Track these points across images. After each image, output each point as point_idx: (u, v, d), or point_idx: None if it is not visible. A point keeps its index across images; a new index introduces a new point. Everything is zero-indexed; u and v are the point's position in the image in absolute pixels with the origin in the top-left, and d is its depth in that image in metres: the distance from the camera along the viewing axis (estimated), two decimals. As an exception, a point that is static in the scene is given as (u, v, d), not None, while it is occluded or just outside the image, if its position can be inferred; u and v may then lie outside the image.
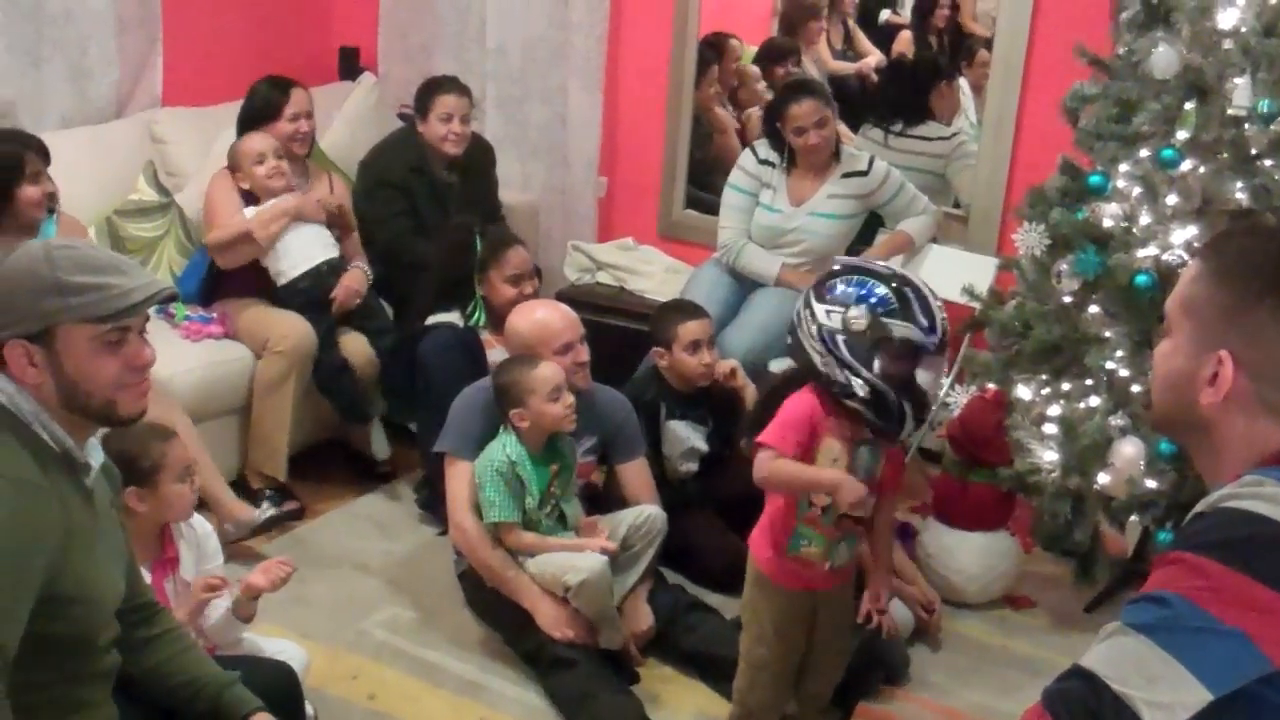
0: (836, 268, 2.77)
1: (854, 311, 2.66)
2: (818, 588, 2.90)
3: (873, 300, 2.66)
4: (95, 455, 2.06)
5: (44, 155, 3.70)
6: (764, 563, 2.89)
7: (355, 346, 4.32)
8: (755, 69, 5.43)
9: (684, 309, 3.98)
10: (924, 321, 2.65)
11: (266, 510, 3.98)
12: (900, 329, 2.65)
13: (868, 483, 2.78)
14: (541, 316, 3.60)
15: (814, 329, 2.71)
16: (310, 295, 4.23)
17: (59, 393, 1.95)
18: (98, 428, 2.07)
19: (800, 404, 2.76)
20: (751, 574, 2.94)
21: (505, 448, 3.37)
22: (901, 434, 2.78)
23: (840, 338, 2.67)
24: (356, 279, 4.35)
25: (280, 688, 2.35)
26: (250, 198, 4.22)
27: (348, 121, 5.03)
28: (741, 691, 3.02)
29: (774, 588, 2.89)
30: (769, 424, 2.79)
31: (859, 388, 2.68)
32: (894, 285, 2.67)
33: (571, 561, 3.30)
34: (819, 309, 2.71)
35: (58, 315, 1.91)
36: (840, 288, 2.70)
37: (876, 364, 2.66)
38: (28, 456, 1.91)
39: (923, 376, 2.68)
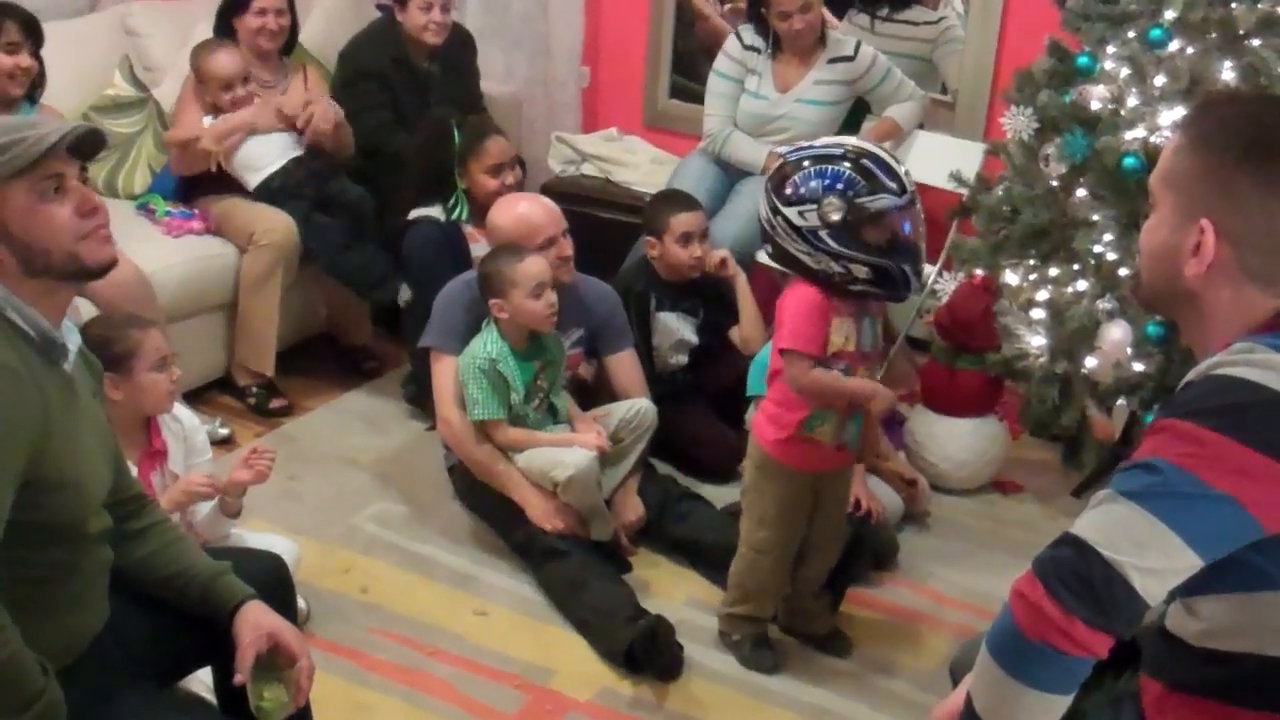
0: (786, 164, 2.75)
1: (827, 203, 2.66)
2: (822, 469, 2.92)
3: (840, 186, 2.67)
4: (72, 338, 2.04)
5: (30, 31, 3.63)
6: (769, 445, 2.90)
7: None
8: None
9: (677, 200, 3.94)
10: (893, 185, 2.68)
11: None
12: (877, 203, 2.66)
13: (873, 350, 2.86)
14: (523, 211, 3.56)
15: (792, 233, 2.71)
16: (284, 190, 4.16)
17: (18, 261, 1.92)
18: (72, 295, 2.06)
19: (805, 298, 2.77)
20: (756, 457, 2.95)
21: (487, 345, 3.34)
22: (909, 294, 2.81)
23: (823, 233, 2.68)
24: (325, 115, 4.19)
25: (272, 578, 2.34)
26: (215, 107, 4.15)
27: (326, 12, 4.93)
28: (740, 574, 3.04)
29: (779, 469, 2.90)
30: (781, 327, 2.79)
31: (859, 271, 2.69)
32: (852, 162, 2.68)
33: (559, 457, 3.30)
34: (790, 213, 2.71)
35: None
36: (802, 184, 2.70)
37: (865, 242, 2.68)
38: (3, 342, 1.90)
39: (906, 231, 2.71)
